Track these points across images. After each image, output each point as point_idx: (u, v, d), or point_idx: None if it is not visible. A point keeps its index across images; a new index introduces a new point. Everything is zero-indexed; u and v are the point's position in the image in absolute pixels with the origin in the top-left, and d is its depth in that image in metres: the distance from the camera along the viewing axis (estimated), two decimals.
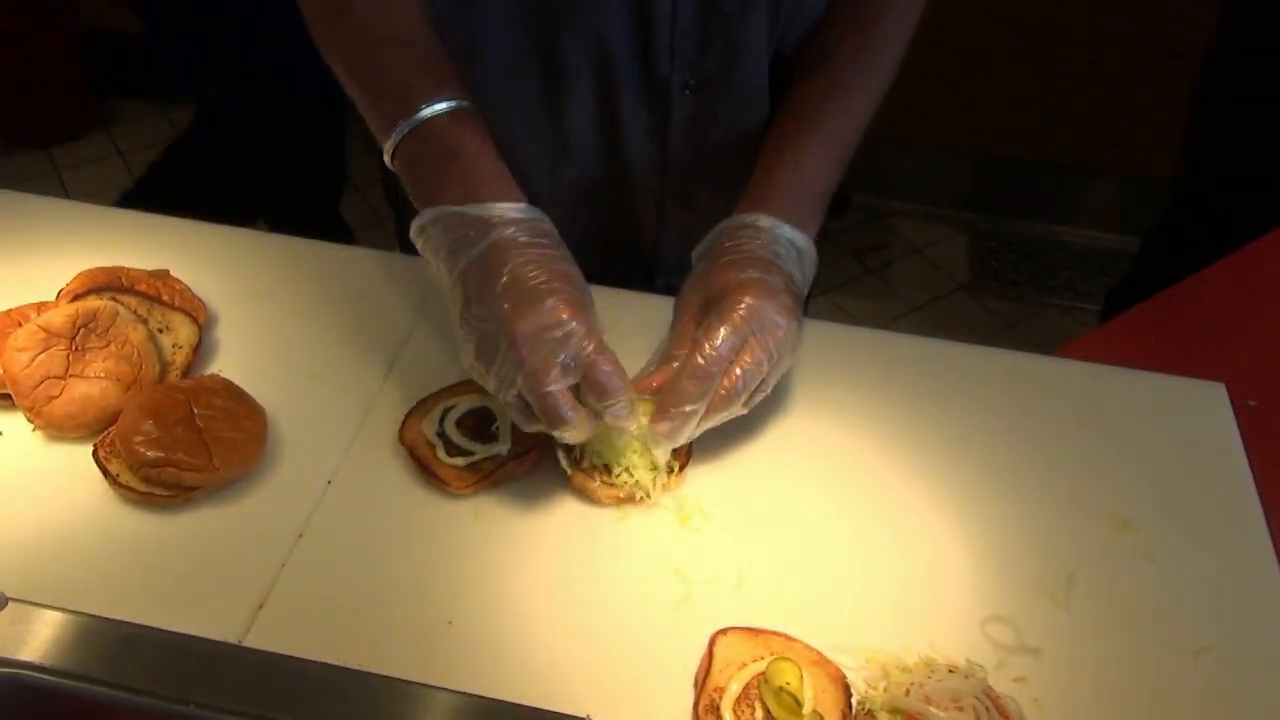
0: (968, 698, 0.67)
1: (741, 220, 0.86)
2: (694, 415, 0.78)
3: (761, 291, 0.80)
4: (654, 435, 0.79)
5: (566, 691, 0.70)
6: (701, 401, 0.77)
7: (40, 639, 0.65)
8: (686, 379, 0.77)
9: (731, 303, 0.79)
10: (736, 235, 0.85)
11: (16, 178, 2.87)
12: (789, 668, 0.68)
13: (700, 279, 0.85)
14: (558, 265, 0.76)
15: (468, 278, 0.76)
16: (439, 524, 0.81)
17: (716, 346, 0.78)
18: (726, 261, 0.83)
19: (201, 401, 0.82)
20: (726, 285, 0.81)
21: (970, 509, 0.84)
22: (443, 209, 0.78)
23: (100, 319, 0.86)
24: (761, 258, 0.82)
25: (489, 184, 0.79)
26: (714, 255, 0.85)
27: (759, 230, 0.84)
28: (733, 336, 0.78)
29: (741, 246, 0.83)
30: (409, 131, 0.80)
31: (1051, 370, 0.96)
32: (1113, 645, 0.75)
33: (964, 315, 2.64)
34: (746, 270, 0.81)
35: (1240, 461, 0.88)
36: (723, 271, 0.82)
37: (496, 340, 0.74)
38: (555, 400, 0.74)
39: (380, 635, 0.73)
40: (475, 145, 0.80)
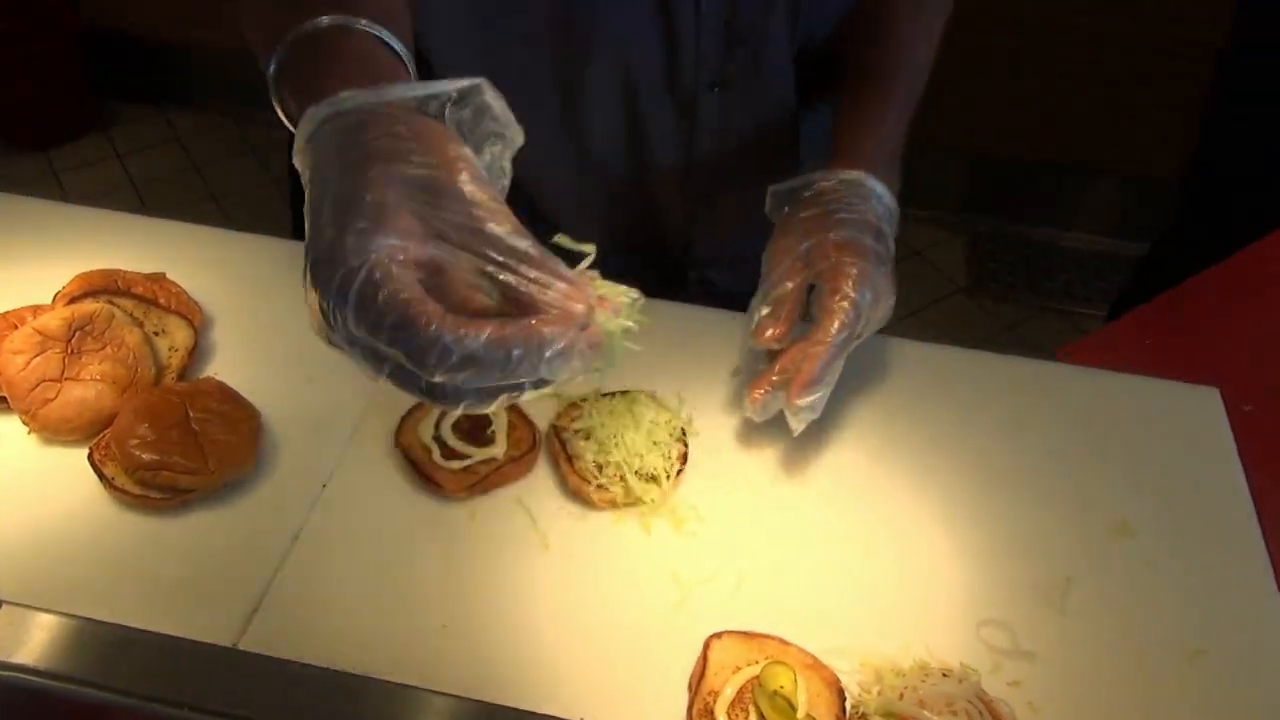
0: (962, 702, 0.67)
1: (843, 175, 0.87)
2: (829, 387, 0.81)
3: (874, 260, 0.83)
4: (794, 409, 0.81)
5: (561, 694, 0.70)
6: (836, 372, 0.81)
7: (35, 641, 0.65)
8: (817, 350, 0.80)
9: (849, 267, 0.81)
10: (839, 188, 0.87)
11: (14, 180, 2.87)
12: (783, 671, 0.68)
13: (806, 225, 0.86)
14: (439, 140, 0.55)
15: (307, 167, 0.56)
16: (434, 527, 0.81)
17: (849, 310, 0.80)
18: (837, 220, 0.84)
19: (197, 404, 0.82)
20: (837, 244, 0.83)
21: (966, 512, 0.84)
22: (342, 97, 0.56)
23: (96, 322, 0.86)
24: (869, 222, 0.85)
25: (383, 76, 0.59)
26: (818, 203, 0.86)
27: (864, 189, 0.87)
28: (859, 300, 0.81)
29: (849, 205, 0.85)
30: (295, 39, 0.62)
31: (1048, 375, 0.97)
32: (1107, 649, 0.75)
33: (963, 318, 2.64)
34: (858, 233, 0.84)
35: (1235, 466, 0.88)
36: (833, 227, 0.84)
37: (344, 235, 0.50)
38: None
39: (375, 638, 0.73)
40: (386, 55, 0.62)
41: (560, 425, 0.85)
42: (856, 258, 0.82)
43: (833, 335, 0.80)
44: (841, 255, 0.82)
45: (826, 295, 0.82)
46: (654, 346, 0.91)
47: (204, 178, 2.96)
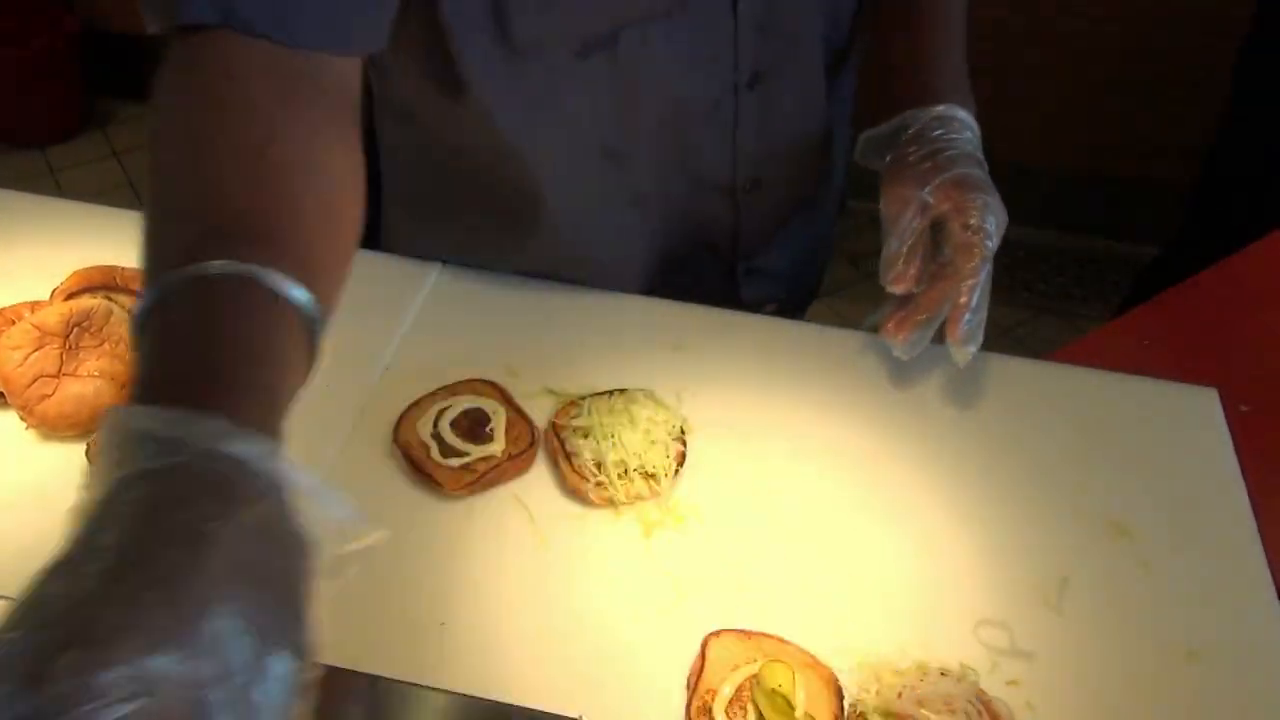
0: (960, 701, 0.67)
1: (938, 111, 0.91)
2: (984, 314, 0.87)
3: (988, 188, 0.88)
4: (958, 349, 0.87)
5: (559, 692, 0.70)
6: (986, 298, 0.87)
7: None
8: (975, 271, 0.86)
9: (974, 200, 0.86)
10: (938, 125, 0.90)
11: (12, 177, 2.86)
12: (781, 670, 0.68)
13: (919, 168, 0.89)
14: None
15: None
16: (432, 524, 0.80)
17: (984, 238, 0.86)
18: (948, 157, 0.88)
19: None
20: (957, 180, 0.87)
21: (963, 513, 0.84)
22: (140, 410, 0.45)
23: (94, 318, 0.86)
24: (973, 155, 0.90)
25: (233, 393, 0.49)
26: (924, 142, 0.89)
27: (966, 124, 0.91)
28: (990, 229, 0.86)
29: (953, 140, 0.89)
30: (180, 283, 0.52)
31: (1045, 375, 0.97)
32: (1105, 649, 0.75)
33: None
34: (970, 168, 0.88)
35: (1232, 467, 0.88)
36: (947, 165, 0.88)
37: None
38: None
39: (373, 635, 0.73)
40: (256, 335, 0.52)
41: (559, 423, 0.85)
42: (976, 191, 0.86)
43: (977, 265, 0.85)
44: (962, 192, 0.86)
45: (959, 232, 0.86)
46: (653, 346, 0.92)
47: None
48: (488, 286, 1.00)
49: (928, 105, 0.91)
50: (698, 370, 0.93)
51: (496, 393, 0.87)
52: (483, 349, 0.94)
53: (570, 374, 0.92)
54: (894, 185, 0.90)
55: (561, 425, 0.85)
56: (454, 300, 0.99)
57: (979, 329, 0.87)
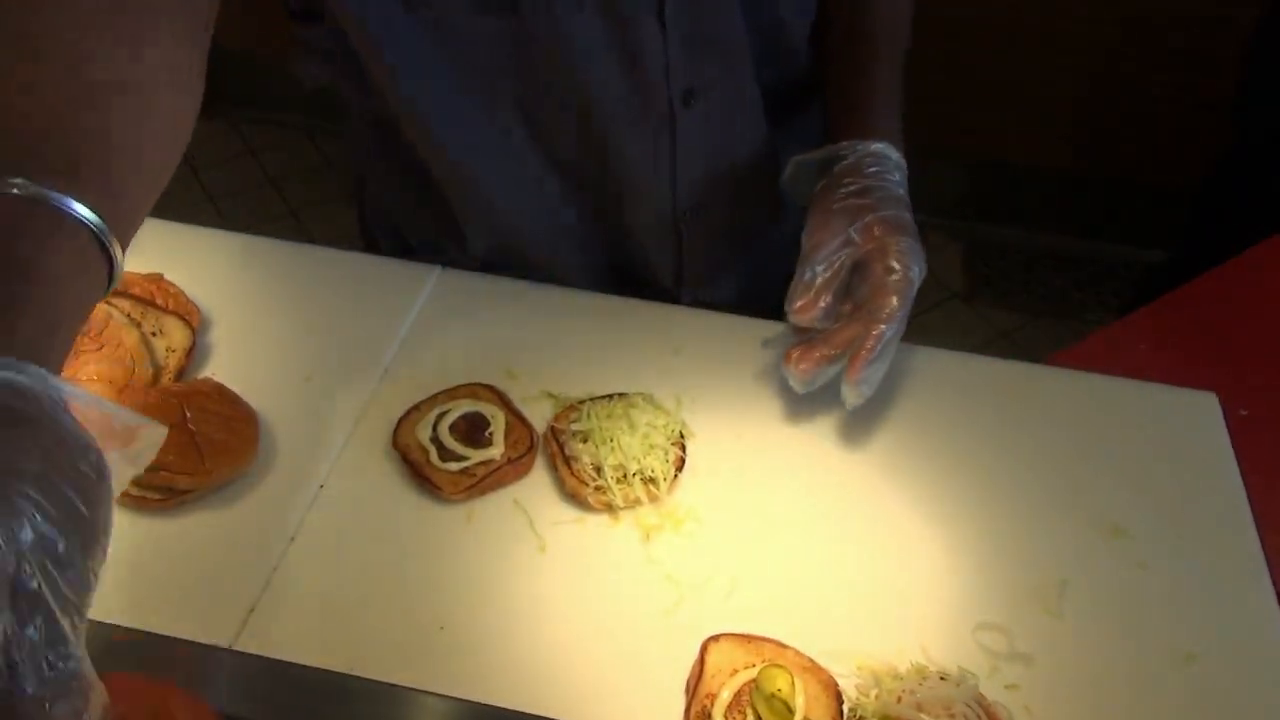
0: (959, 705, 0.67)
1: (869, 148, 0.90)
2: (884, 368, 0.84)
3: (911, 232, 0.87)
4: (851, 390, 0.84)
5: (557, 697, 0.70)
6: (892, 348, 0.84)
7: None
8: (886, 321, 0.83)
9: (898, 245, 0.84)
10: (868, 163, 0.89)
11: None
12: (780, 674, 0.68)
13: (846, 205, 0.87)
14: None
15: None
16: (431, 528, 0.80)
17: (903, 288, 0.84)
18: (877, 199, 0.87)
19: (194, 405, 0.82)
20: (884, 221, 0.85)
21: (962, 516, 0.84)
22: None
23: (93, 322, 0.86)
24: (901, 197, 0.89)
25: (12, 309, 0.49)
26: (852, 180, 0.88)
27: (889, 160, 0.90)
28: (912, 277, 0.84)
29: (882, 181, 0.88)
30: None
31: (1045, 379, 0.97)
32: (1104, 652, 0.75)
33: (958, 323, 2.64)
34: (898, 211, 0.87)
35: (1232, 471, 0.88)
36: (874, 207, 0.86)
37: None
38: None
39: (372, 639, 0.73)
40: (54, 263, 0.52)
41: (558, 427, 0.85)
42: (903, 235, 0.85)
43: (893, 310, 0.83)
44: (889, 234, 0.84)
45: (880, 274, 0.84)
46: (652, 350, 0.92)
47: (201, 180, 2.96)
48: (487, 290, 1.00)
49: (865, 139, 0.90)
50: (697, 375, 0.93)
51: (496, 397, 0.87)
52: (482, 353, 0.94)
53: (569, 378, 0.92)
54: (822, 215, 0.88)
55: (560, 429, 0.85)
56: (453, 304, 0.99)
57: (877, 377, 0.84)
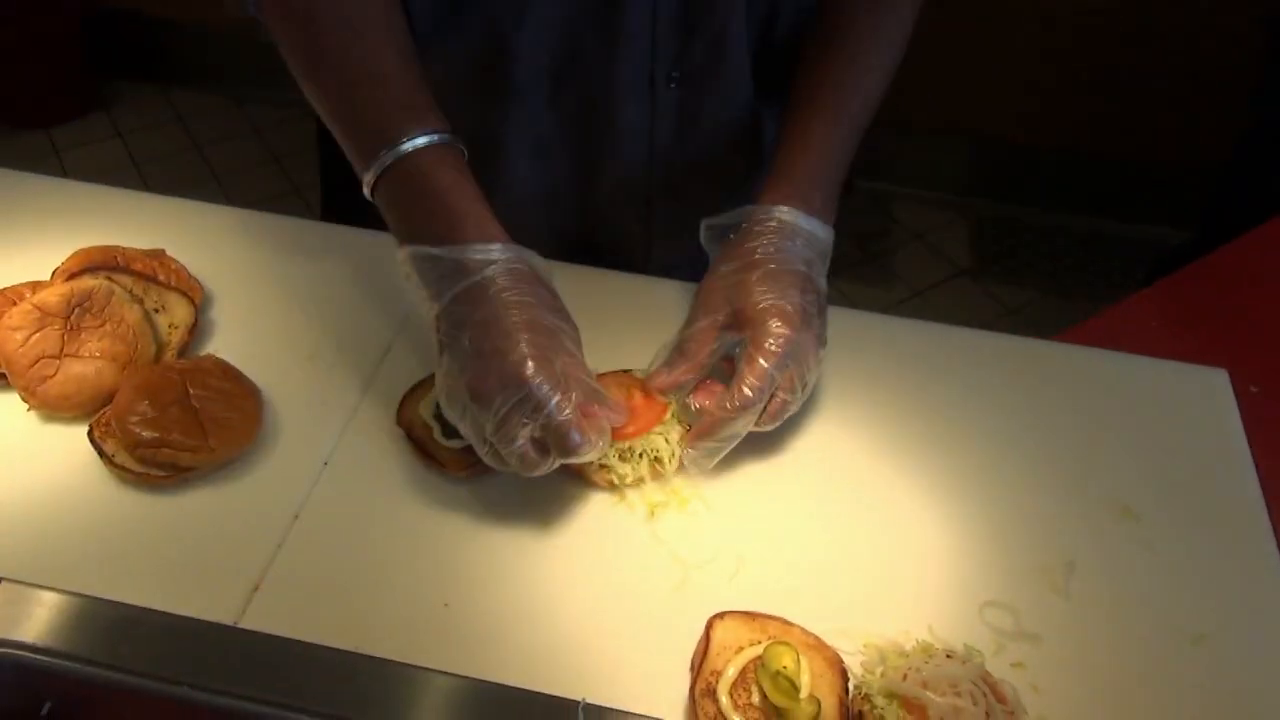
0: (965, 683, 0.66)
1: (778, 214, 0.85)
2: (731, 444, 0.80)
3: (801, 321, 0.80)
4: (690, 456, 0.81)
5: (562, 674, 0.70)
6: (739, 435, 0.80)
7: (35, 619, 0.65)
8: (732, 410, 0.78)
9: (773, 334, 0.79)
10: (769, 232, 0.84)
11: (16, 158, 2.86)
12: (786, 652, 0.68)
13: (730, 281, 0.83)
14: (528, 314, 0.74)
15: (440, 325, 0.76)
16: (435, 506, 0.80)
17: (761, 384, 0.78)
18: (763, 274, 0.82)
19: (197, 382, 0.81)
20: (764, 309, 0.80)
21: (970, 494, 0.83)
22: (418, 250, 0.77)
23: (96, 298, 0.85)
24: (800, 272, 0.82)
25: (466, 223, 0.76)
26: (746, 255, 0.83)
27: (799, 232, 0.84)
28: (774, 373, 0.79)
29: (782, 254, 0.83)
30: (388, 166, 0.78)
31: (1053, 355, 0.96)
32: (1111, 632, 0.75)
33: (966, 301, 2.63)
34: (787, 289, 0.81)
35: (1242, 449, 0.88)
36: (758, 284, 0.81)
37: (462, 397, 0.74)
38: (526, 452, 0.73)
39: (376, 617, 0.73)
40: (453, 181, 0.78)
41: None
42: (782, 324, 0.79)
43: (736, 406, 0.78)
44: (767, 321, 0.80)
45: (744, 366, 0.79)
46: (658, 328, 0.91)
47: (205, 157, 2.95)
48: None
49: (776, 202, 0.85)
50: None
51: None
52: None
53: None
54: (706, 288, 0.85)
55: None
56: None
57: (716, 454, 0.81)
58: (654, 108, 0.96)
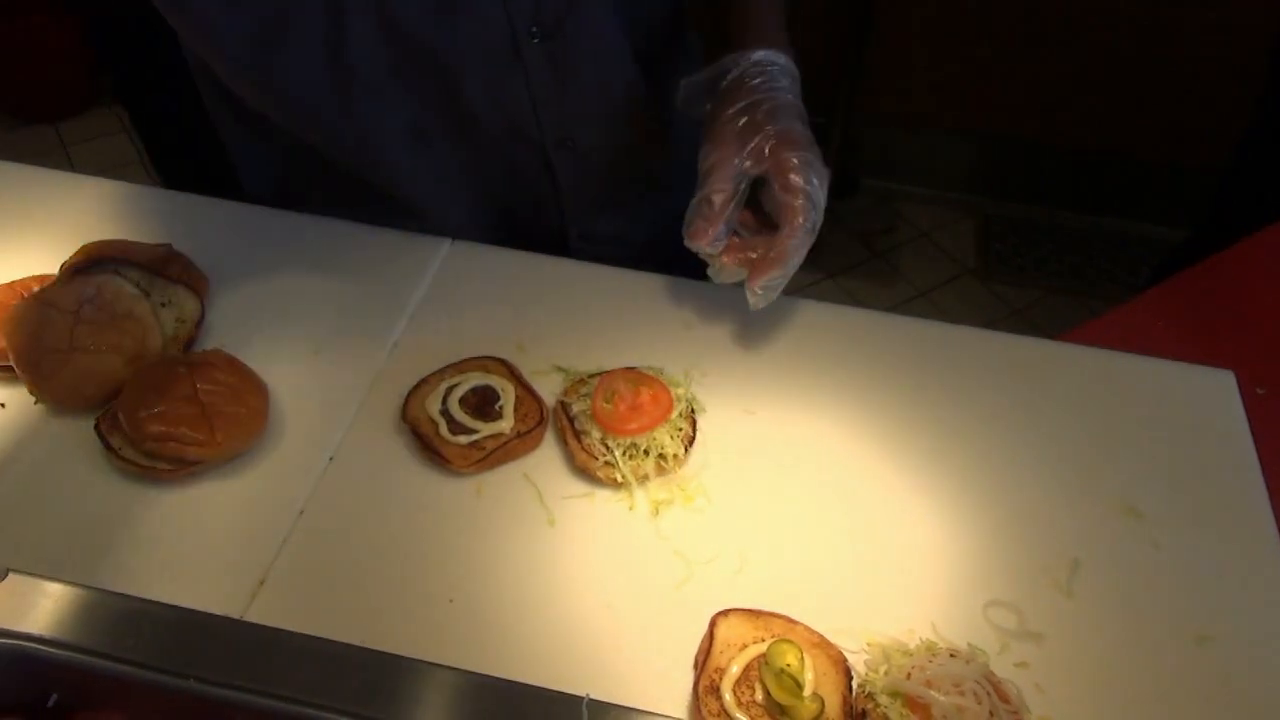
0: (969, 682, 0.67)
1: (761, 57, 0.90)
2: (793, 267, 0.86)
3: (809, 144, 0.86)
4: (752, 294, 0.86)
5: (566, 670, 0.70)
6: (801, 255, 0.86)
7: (41, 611, 0.65)
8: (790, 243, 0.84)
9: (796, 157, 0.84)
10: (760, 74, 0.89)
11: (24, 151, 2.86)
12: (790, 649, 0.68)
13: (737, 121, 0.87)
14: None
15: None
16: (441, 501, 0.80)
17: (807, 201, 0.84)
18: (767, 110, 0.87)
19: (204, 376, 0.82)
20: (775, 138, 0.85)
21: (975, 493, 0.83)
22: None
23: (103, 292, 0.85)
24: (795, 105, 0.88)
25: None
26: (744, 93, 0.88)
27: (782, 70, 0.90)
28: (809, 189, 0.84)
29: (772, 92, 0.88)
30: None
31: (1059, 355, 0.96)
32: (1116, 632, 0.75)
33: (971, 300, 2.63)
34: (791, 121, 0.87)
35: (1248, 450, 0.88)
36: (766, 120, 0.86)
37: None
38: None
39: (381, 612, 0.73)
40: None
41: (568, 401, 0.85)
42: (797, 149, 0.85)
43: (796, 226, 0.84)
44: (781, 151, 0.85)
45: (781, 191, 0.85)
46: (663, 324, 0.91)
47: None
48: (498, 263, 1.00)
49: (747, 49, 0.90)
50: (707, 349, 0.93)
51: (506, 370, 0.87)
52: (492, 326, 0.93)
53: (580, 352, 0.91)
54: (713, 139, 0.89)
55: (570, 403, 0.85)
56: (463, 276, 0.99)
57: (780, 283, 0.87)
58: (525, 68, 0.95)
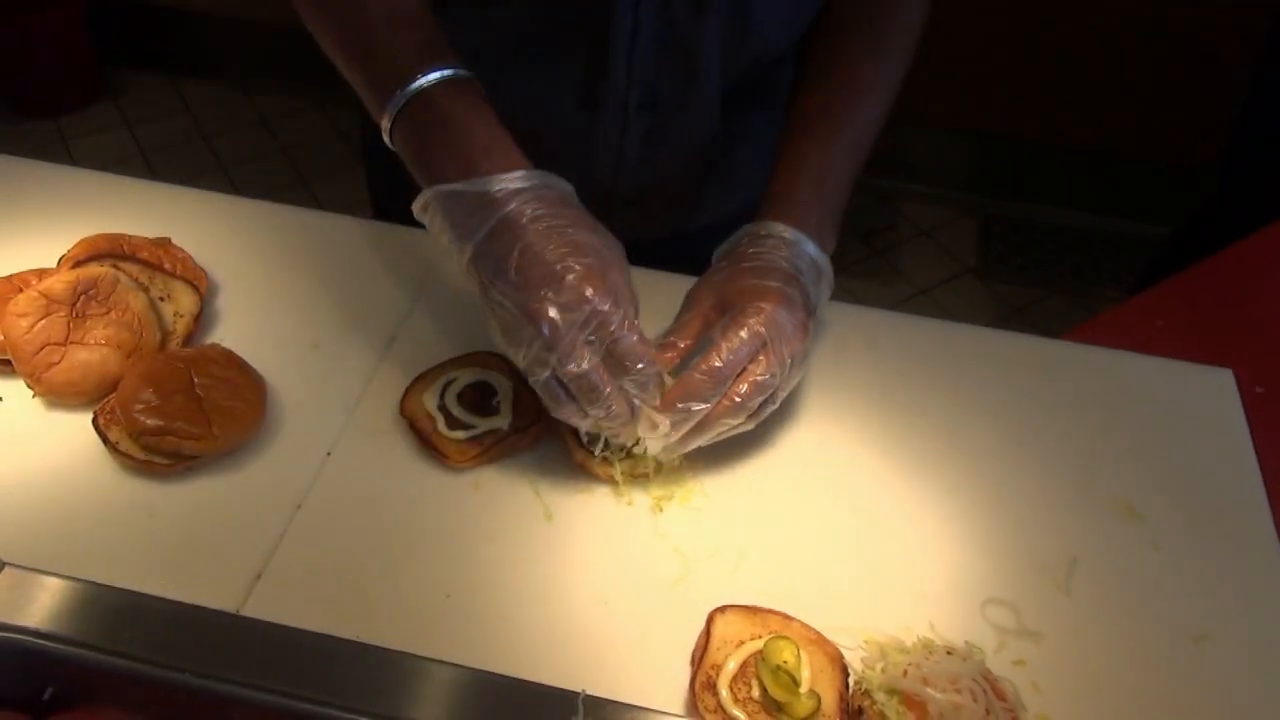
0: (965, 680, 0.67)
1: (769, 228, 0.84)
2: (699, 414, 0.76)
3: (782, 301, 0.79)
4: (651, 427, 0.77)
5: (563, 666, 0.70)
6: (710, 403, 0.76)
7: (38, 605, 0.65)
8: (700, 376, 0.76)
9: (752, 309, 0.78)
10: (761, 243, 0.84)
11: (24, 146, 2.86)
12: (786, 646, 0.68)
13: (718, 278, 0.83)
14: (570, 234, 0.73)
15: (479, 262, 0.74)
16: (438, 497, 0.80)
17: (735, 350, 0.76)
18: (749, 268, 0.82)
19: (202, 370, 0.82)
20: (747, 291, 0.79)
21: (973, 491, 0.83)
22: (440, 189, 0.75)
23: (101, 286, 0.85)
24: (784, 269, 0.81)
25: (488, 154, 0.75)
26: (737, 258, 0.83)
27: (784, 242, 0.83)
28: (751, 342, 0.77)
29: (764, 255, 0.82)
30: (404, 105, 0.77)
31: (1058, 354, 0.96)
32: (1113, 631, 0.75)
33: (971, 299, 2.63)
34: (768, 278, 0.80)
35: (1246, 449, 0.88)
36: (744, 276, 0.81)
37: (520, 324, 0.72)
38: (590, 379, 0.72)
39: (378, 607, 0.73)
40: (471, 113, 0.77)
41: None
42: (762, 301, 0.78)
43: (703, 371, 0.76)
44: (748, 301, 0.79)
45: (717, 335, 0.78)
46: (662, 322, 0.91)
47: (212, 146, 2.96)
48: None
49: (765, 221, 0.85)
50: None
51: (504, 366, 0.87)
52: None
53: None
54: (695, 289, 0.85)
55: None
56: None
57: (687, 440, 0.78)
58: (626, 131, 0.96)
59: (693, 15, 0.88)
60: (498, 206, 0.73)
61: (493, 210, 0.73)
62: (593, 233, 0.75)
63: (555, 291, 0.71)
